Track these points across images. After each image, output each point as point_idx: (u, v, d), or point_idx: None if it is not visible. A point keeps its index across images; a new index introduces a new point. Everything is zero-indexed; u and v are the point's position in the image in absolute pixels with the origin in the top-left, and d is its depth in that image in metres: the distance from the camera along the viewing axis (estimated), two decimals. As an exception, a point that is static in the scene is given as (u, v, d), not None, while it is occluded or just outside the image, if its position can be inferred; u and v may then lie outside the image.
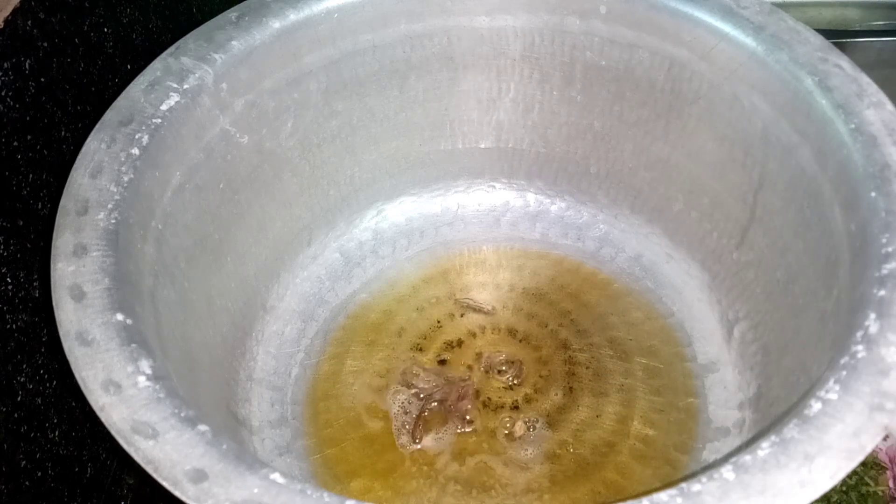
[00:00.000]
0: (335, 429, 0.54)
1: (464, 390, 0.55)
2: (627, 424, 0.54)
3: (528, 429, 0.53)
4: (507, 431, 0.54)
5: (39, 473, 0.52)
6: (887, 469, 0.53)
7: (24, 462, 0.52)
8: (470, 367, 0.57)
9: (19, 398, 0.50)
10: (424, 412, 0.54)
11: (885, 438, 0.52)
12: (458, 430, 0.54)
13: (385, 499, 0.51)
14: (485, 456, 0.53)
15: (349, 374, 0.57)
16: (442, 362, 0.57)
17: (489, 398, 0.55)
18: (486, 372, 0.57)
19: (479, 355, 0.58)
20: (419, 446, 0.53)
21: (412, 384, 0.56)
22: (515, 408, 0.55)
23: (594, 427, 0.54)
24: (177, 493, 0.32)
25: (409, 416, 0.54)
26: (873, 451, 0.52)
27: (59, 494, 0.53)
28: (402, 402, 0.55)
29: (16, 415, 0.50)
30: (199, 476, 0.32)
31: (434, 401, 0.55)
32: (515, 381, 0.56)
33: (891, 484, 0.53)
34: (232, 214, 0.53)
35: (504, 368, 0.57)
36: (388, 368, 0.57)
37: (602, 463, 0.52)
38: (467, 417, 0.54)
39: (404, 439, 0.53)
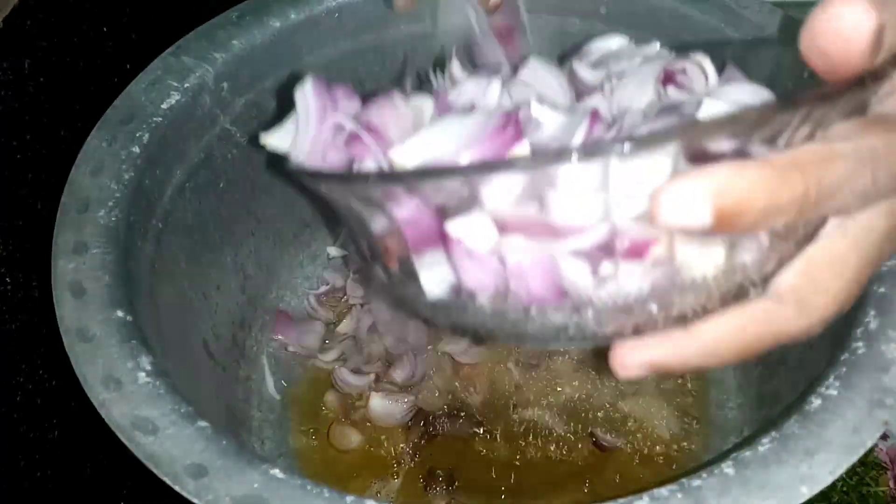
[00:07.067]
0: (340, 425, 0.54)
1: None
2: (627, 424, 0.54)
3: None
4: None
5: (39, 473, 0.52)
6: (888, 469, 0.53)
7: (24, 462, 0.52)
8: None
9: (19, 398, 0.50)
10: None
11: (885, 438, 0.52)
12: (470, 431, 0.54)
13: (384, 497, 0.51)
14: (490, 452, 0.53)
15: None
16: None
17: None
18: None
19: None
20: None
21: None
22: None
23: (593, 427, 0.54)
24: (177, 489, 0.32)
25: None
26: (874, 451, 0.52)
27: (59, 494, 0.53)
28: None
29: (16, 415, 0.50)
30: (199, 471, 0.32)
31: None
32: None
33: (891, 484, 0.53)
34: (232, 213, 0.53)
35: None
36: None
37: (602, 463, 0.52)
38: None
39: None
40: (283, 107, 0.54)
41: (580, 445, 0.53)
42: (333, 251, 0.62)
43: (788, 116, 0.23)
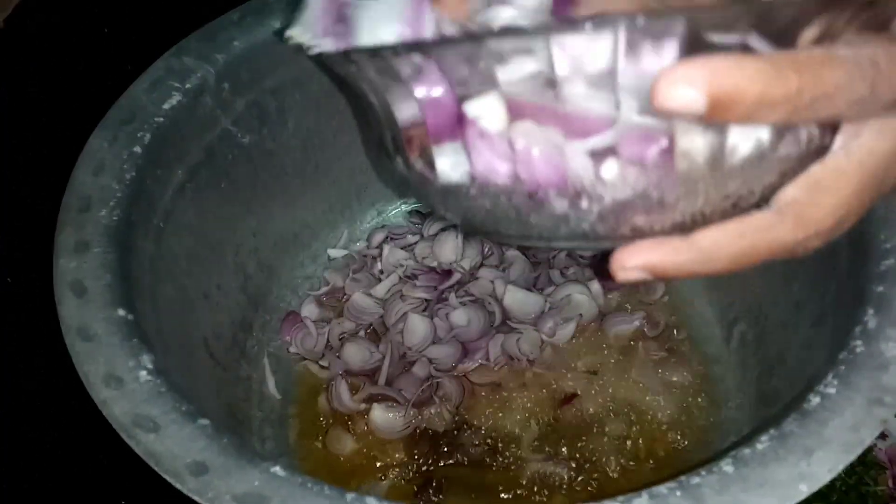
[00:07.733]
0: (337, 429, 0.54)
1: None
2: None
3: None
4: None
5: (39, 473, 0.52)
6: (887, 469, 0.53)
7: (24, 462, 0.52)
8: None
9: (19, 398, 0.51)
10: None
11: (884, 437, 0.52)
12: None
13: (386, 496, 0.51)
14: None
15: (349, 373, 0.57)
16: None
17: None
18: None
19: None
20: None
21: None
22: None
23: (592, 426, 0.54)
24: (178, 486, 0.32)
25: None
26: (873, 450, 0.52)
27: (59, 494, 0.53)
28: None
29: (16, 415, 0.50)
30: (199, 469, 0.32)
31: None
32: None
33: (890, 483, 0.53)
34: (233, 213, 0.54)
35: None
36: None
37: (601, 462, 0.52)
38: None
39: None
40: (284, 107, 0.54)
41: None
42: (334, 252, 0.62)
43: (793, 10, 0.24)
